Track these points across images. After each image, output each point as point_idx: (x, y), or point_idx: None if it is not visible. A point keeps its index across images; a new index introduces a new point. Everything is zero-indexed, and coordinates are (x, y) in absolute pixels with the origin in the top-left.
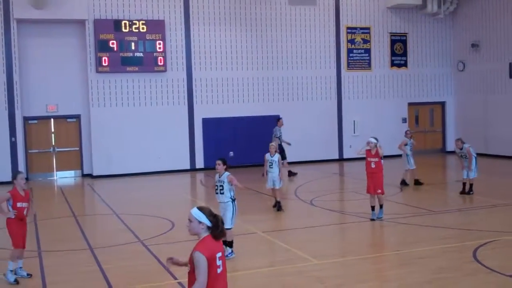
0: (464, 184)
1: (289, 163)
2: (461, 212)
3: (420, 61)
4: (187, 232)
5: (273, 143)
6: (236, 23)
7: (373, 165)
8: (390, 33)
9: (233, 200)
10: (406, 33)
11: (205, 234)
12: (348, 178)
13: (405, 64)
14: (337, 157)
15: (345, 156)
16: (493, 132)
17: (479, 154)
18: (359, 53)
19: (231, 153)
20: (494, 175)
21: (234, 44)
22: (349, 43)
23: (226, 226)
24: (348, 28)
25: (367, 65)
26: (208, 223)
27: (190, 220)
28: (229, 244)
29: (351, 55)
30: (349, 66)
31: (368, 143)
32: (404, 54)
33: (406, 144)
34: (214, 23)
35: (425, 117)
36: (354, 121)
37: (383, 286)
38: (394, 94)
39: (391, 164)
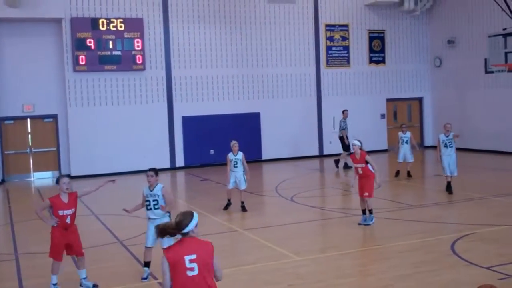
0: (449, 182)
1: (271, 160)
2: (439, 206)
3: (398, 58)
4: None
5: (235, 142)
6: (215, 21)
7: (360, 171)
8: (368, 30)
9: (170, 215)
10: (384, 30)
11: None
12: (328, 174)
13: (383, 61)
14: (317, 153)
15: (325, 152)
16: (470, 127)
17: (456, 149)
18: (337, 50)
19: (212, 151)
20: (471, 168)
21: (214, 42)
22: (328, 40)
23: (149, 245)
24: (326, 25)
25: (346, 62)
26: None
27: None
28: (147, 264)
29: (330, 52)
30: (328, 63)
31: (352, 145)
32: (382, 51)
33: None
34: (193, 21)
35: (403, 113)
36: (333, 117)
37: (363, 280)
38: (373, 91)
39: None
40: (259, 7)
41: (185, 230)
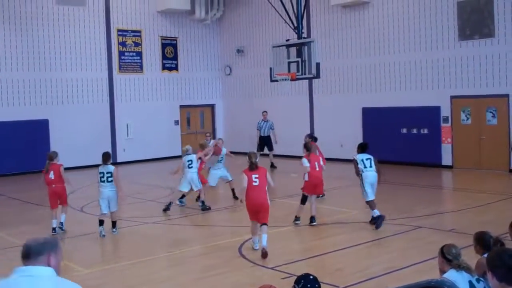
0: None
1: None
2: (230, 210)
3: (191, 65)
4: None
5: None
6: None
7: None
8: (161, 36)
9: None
10: (177, 38)
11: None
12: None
13: (176, 68)
14: (110, 161)
15: (118, 160)
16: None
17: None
18: (130, 56)
19: None
20: None
21: None
22: (120, 46)
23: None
24: (119, 30)
25: (139, 68)
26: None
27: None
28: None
29: (122, 57)
30: (121, 68)
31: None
32: (175, 58)
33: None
34: None
35: (196, 119)
36: (127, 124)
37: None
38: (167, 97)
39: (166, 165)
40: (47, 7)
41: (255, 161)
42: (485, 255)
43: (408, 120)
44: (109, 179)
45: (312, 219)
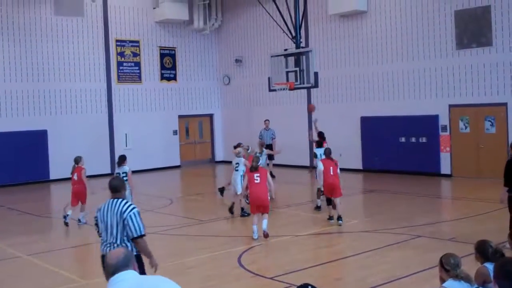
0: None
1: (60, 179)
2: (228, 220)
3: (189, 75)
4: None
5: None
6: None
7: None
8: (159, 47)
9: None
10: (175, 48)
11: None
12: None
13: (174, 78)
14: (109, 171)
15: (117, 170)
16: (256, 142)
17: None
18: (129, 66)
19: None
20: None
21: None
22: (119, 56)
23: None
24: (117, 41)
25: (138, 78)
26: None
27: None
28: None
29: (121, 68)
30: (120, 79)
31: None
32: (173, 68)
33: None
34: None
35: (195, 129)
36: (126, 134)
37: None
38: (165, 107)
39: (165, 176)
40: (45, 18)
41: (258, 164)
42: (485, 264)
43: (407, 129)
44: (124, 178)
45: (339, 218)
